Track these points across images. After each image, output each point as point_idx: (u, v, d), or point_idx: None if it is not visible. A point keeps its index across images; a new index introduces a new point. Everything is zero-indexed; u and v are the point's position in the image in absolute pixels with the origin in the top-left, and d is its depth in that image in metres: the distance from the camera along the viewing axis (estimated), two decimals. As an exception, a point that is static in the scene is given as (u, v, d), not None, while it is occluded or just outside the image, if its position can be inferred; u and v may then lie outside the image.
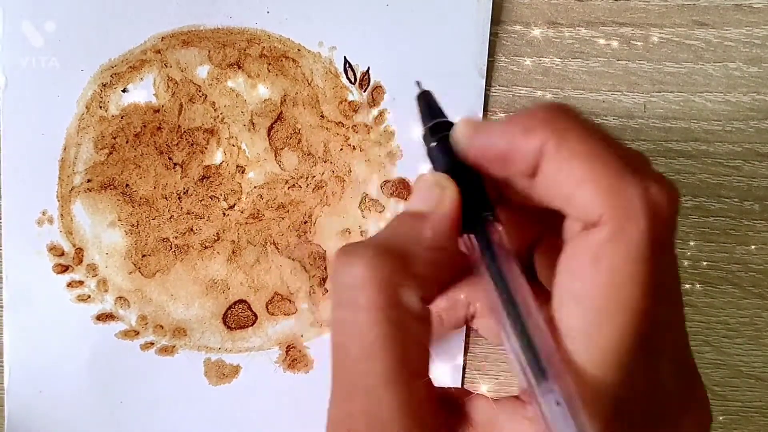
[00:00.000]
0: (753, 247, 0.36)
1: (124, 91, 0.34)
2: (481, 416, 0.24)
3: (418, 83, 0.30)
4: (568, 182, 0.23)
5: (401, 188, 0.36)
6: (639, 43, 0.34)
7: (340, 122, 0.35)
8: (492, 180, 0.26)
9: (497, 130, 0.24)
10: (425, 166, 0.27)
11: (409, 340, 0.23)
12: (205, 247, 0.36)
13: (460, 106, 0.35)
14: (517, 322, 0.23)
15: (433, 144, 0.27)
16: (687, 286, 0.37)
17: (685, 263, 0.37)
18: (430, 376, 0.25)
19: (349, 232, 0.36)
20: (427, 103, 0.30)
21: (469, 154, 0.25)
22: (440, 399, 0.24)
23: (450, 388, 0.25)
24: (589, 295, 0.22)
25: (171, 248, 0.36)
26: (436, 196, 0.25)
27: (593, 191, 0.22)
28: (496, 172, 0.25)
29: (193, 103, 0.35)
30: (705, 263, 0.37)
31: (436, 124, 0.27)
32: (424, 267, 0.24)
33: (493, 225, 0.25)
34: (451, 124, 0.27)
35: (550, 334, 0.22)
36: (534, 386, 0.22)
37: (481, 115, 0.35)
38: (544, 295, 0.24)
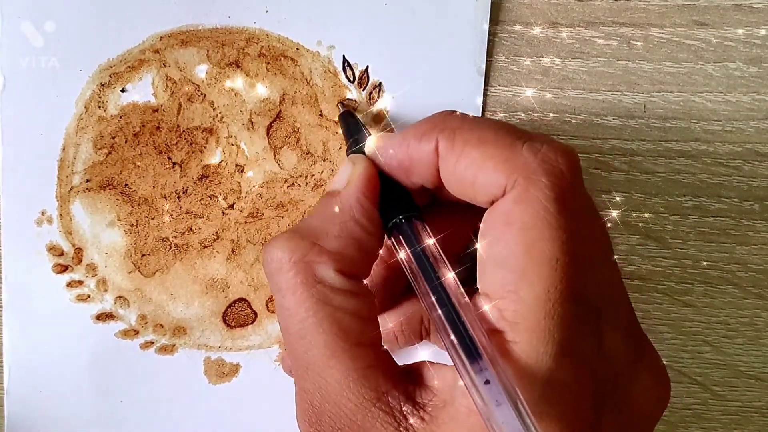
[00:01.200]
0: (753, 247, 0.36)
1: (122, 90, 0.34)
2: (441, 383, 0.24)
3: (341, 104, 0.34)
4: (469, 170, 0.24)
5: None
6: (639, 43, 0.34)
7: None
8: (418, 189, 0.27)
9: (397, 142, 0.26)
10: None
11: (340, 313, 0.24)
12: (205, 247, 0.36)
13: (460, 105, 0.35)
14: (444, 308, 0.24)
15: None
16: (687, 286, 0.37)
17: (685, 263, 0.37)
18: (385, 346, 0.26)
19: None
20: (349, 121, 0.33)
21: (381, 166, 0.27)
22: (403, 370, 0.25)
23: (416, 362, 0.26)
24: (510, 256, 0.23)
25: (170, 247, 0.36)
26: (347, 174, 0.27)
27: (492, 168, 0.23)
28: (406, 180, 0.27)
29: (192, 102, 0.35)
30: (705, 263, 0.37)
31: (356, 139, 0.30)
32: (337, 242, 0.25)
33: (418, 224, 0.26)
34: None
35: (477, 318, 0.23)
36: (467, 368, 0.22)
37: (480, 114, 0.35)
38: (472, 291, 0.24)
